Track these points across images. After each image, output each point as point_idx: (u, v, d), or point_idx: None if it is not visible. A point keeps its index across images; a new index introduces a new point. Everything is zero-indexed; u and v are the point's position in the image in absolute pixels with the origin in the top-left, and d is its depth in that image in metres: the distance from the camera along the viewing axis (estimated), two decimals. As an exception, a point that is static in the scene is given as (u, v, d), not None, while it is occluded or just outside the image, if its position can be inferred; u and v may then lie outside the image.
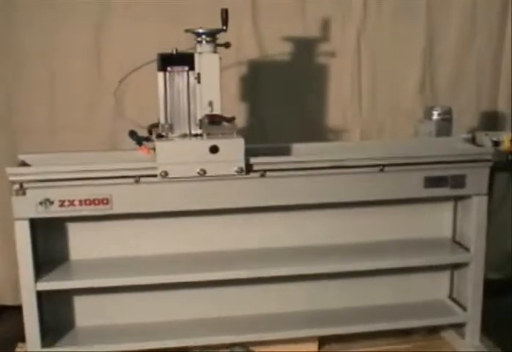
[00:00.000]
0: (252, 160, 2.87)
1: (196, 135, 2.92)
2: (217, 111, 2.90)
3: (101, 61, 3.65)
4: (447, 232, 3.32)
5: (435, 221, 3.30)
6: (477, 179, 3.06)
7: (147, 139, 2.98)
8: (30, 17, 3.54)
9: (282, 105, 3.81)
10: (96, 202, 2.82)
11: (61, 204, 2.80)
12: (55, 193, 2.78)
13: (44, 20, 3.55)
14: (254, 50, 3.73)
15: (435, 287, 3.38)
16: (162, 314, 3.15)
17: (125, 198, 2.84)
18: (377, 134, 3.93)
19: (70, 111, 3.66)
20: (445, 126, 3.37)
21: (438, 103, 3.64)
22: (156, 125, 2.98)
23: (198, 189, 2.86)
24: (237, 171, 2.84)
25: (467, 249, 3.20)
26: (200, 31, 2.88)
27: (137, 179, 2.82)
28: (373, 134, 3.93)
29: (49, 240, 3.00)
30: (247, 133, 2.93)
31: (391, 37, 3.88)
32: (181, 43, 3.56)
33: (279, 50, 3.72)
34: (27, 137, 3.62)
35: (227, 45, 2.92)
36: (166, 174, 2.80)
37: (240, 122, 3.18)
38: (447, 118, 3.38)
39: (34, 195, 2.77)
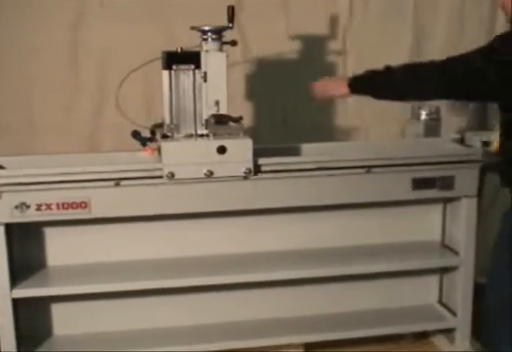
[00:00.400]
0: (261, 160, 2.81)
1: (202, 135, 2.87)
2: (223, 111, 2.85)
3: (79, 61, 3.57)
4: (436, 236, 3.27)
5: (423, 224, 3.25)
6: (467, 180, 3.01)
7: (151, 140, 2.94)
8: (6, 16, 3.47)
9: (264, 104, 3.72)
10: (74, 205, 2.75)
11: (38, 208, 2.73)
12: (31, 197, 2.72)
13: (21, 19, 3.47)
14: (237, 49, 3.65)
15: (424, 292, 3.33)
16: (143, 322, 3.08)
17: (103, 201, 2.77)
18: (364, 135, 3.85)
19: (48, 111, 3.58)
20: (433, 126, 3.32)
21: (426, 103, 3.58)
22: (159, 125, 2.94)
23: (189, 191, 2.80)
24: (245, 172, 2.78)
25: (456, 253, 3.15)
26: (206, 28, 2.83)
27: (117, 182, 2.75)
28: (360, 135, 3.85)
29: (25, 246, 2.93)
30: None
31: (377, 36, 3.82)
32: (160, 42, 3.51)
33: (263, 49, 3.65)
34: (3, 138, 3.52)
35: (233, 42, 2.86)
36: (172, 175, 2.74)
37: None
38: (435, 118, 3.33)
39: (10, 199, 2.70)
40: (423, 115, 3.32)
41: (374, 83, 2.64)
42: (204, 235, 3.04)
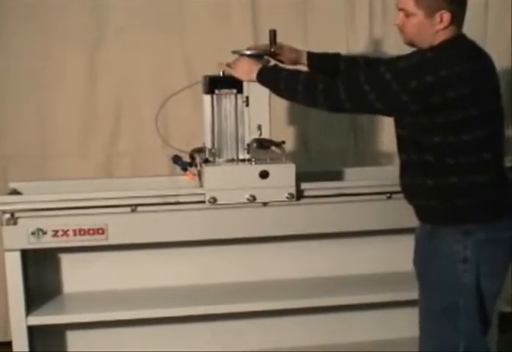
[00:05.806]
0: (303, 185, 2.80)
1: (243, 160, 2.86)
2: (266, 135, 2.84)
3: (96, 86, 3.56)
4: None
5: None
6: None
7: (191, 165, 2.96)
8: (24, 40, 3.47)
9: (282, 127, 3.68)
10: (91, 232, 2.73)
11: (55, 234, 2.70)
12: (48, 223, 2.70)
13: (37, 42, 3.48)
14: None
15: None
16: (160, 349, 3.02)
17: (121, 228, 2.74)
18: (386, 160, 3.79)
19: (65, 136, 3.57)
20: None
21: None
22: (198, 150, 2.94)
23: (209, 217, 2.78)
24: (287, 197, 2.77)
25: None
26: (248, 52, 2.81)
27: (133, 208, 2.73)
28: (381, 160, 3.80)
29: (41, 272, 2.90)
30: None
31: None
32: (178, 66, 3.49)
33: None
34: (17, 163, 3.52)
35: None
36: (214, 200, 2.73)
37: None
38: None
39: (26, 225, 2.68)
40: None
41: (276, 80, 2.54)
42: (221, 262, 3.01)
